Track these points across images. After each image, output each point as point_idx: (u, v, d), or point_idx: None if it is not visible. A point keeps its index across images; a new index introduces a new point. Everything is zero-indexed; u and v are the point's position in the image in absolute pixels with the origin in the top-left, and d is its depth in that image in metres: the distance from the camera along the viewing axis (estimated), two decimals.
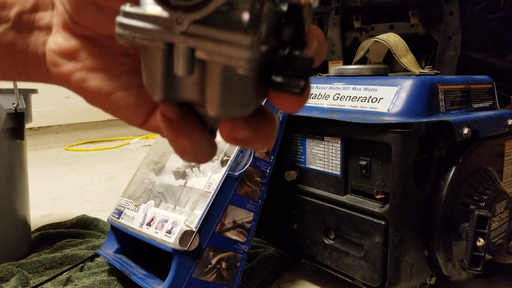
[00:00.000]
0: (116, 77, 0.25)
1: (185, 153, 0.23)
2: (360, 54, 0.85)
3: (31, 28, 0.26)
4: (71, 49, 0.24)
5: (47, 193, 1.53)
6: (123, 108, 0.25)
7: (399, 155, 0.61)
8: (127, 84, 0.25)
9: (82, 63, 0.25)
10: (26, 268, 0.86)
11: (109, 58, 0.25)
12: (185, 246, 0.65)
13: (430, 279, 0.69)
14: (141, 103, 0.25)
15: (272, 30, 0.21)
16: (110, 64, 0.25)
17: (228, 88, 0.21)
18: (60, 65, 0.25)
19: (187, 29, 0.19)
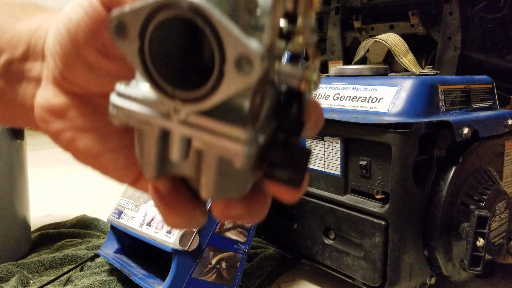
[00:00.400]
0: (106, 138, 0.24)
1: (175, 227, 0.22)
2: (360, 54, 0.85)
3: (20, 78, 0.25)
4: (60, 106, 0.23)
5: (47, 193, 1.53)
6: (112, 169, 0.24)
7: (399, 155, 0.61)
8: (117, 145, 0.24)
9: (71, 123, 0.23)
10: (26, 268, 0.86)
11: (99, 117, 0.24)
12: (185, 246, 0.65)
13: (430, 279, 0.69)
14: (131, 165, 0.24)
15: (270, 112, 0.20)
16: (100, 123, 0.24)
17: (224, 176, 0.20)
18: (48, 122, 0.24)
19: (185, 119, 0.18)
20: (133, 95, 0.19)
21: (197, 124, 0.18)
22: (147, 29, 0.17)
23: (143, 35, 0.17)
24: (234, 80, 0.17)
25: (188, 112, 0.18)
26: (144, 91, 0.19)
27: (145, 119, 0.19)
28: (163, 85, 0.18)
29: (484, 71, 1.08)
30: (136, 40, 0.17)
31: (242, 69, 0.16)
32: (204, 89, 0.17)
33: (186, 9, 0.16)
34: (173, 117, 0.18)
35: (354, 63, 0.85)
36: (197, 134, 0.18)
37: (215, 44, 0.16)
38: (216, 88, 0.17)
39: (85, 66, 0.22)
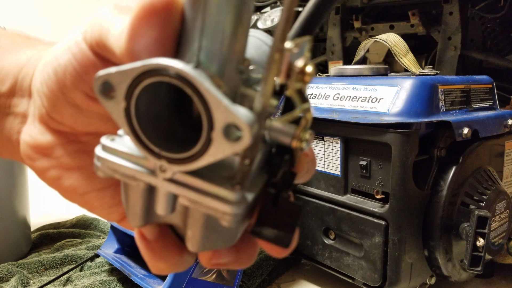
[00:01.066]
0: (92, 176, 0.23)
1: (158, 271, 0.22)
2: (360, 54, 0.85)
3: (6, 112, 0.25)
4: (46, 145, 0.23)
5: (47, 193, 1.53)
6: (98, 207, 0.24)
7: (399, 155, 0.61)
8: (103, 185, 0.24)
9: (57, 161, 0.23)
10: (26, 268, 0.86)
11: (85, 156, 0.23)
12: None
13: (430, 279, 0.69)
14: (117, 204, 0.24)
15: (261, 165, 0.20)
16: (86, 162, 0.23)
17: (210, 231, 0.20)
18: (33, 159, 0.23)
19: (171, 177, 0.18)
20: (119, 149, 0.19)
21: (184, 182, 0.18)
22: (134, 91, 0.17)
23: (130, 97, 0.17)
24: (222, 147, 0.16)
25: (175, 171, 0.18)
26: (130, 146, 0.19)
27: (130, 174, 0.19)
28: (149, 145, 0.18)
29: (484, 71, 1.08)
30: (122, 101, 0.17)
31: (231, 137, 0.16)
32: (191, 152, 0.17)
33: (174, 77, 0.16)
34: (159, 174, 0.18)
35: (354, 63, 0.85)
36: (184, 192, 0.18)
37: (203, 111, 0.16)
38: (203, 152, 0.17)
39: (72, 107, 0.22)
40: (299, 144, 0.19)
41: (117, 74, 0.17)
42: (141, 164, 0.19)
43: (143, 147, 0.18)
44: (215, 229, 0.20)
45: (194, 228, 0.20)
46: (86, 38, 0.21)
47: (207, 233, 0.20)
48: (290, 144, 0.19)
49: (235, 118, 0.16)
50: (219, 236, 0.20)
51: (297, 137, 0.19)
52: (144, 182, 0.19)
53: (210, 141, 0.16)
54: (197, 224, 0.20)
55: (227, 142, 0.16)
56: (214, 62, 0.17)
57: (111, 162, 0.19)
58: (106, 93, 0.17)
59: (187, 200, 0.18)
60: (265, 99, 0.17)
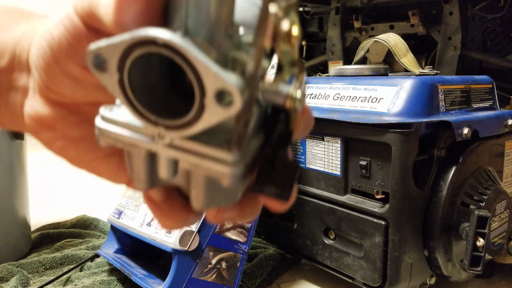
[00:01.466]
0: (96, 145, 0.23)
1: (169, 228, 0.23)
2: (360, 54, 0.85)
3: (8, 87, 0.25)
4: (48, 117, 0.23)
5: (47, 193, 1.53)
6: (105, 173, 0.25)
7: (399, 155, 0.61)
8: (108, 152, 0.24)
9: (60, 133, 0.24)
10: (26, 268, 0.86)
11: (87, 126, 0.24)
12: (185, 246, 0.65)
13: (430, 279, 0.69)
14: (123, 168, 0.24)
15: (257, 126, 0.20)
16: (89, 131, 0.24)
17: (213, 190, 0.20)
18: (38, 131, 0.24)
19: (170, 143, 0.19)
20: (118, 119, 0.19)
21: (183, 147, 0.18)
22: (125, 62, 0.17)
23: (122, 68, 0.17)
24: (215, 112, 0.17)
25: (172, 137, 0.18)
26: (128, 115, 0.19)
27: (131, 143, 0.19)
28: (145, 113, 0.18)
29: (484, 71, 1.08)
30: (115, 73, 0.17)
31: (223, 102, 0.17)
32: (186, 118, 0.17)
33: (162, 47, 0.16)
34: (158, 141, 0.19)
35: (354, 63, 0.85)
36: (183, 156, 0.19)
37: (194, 79, 0.16)
38: (197, 118, 0.17)
39: (69, 79, 0.22)
40: (293, 104, 0.19)
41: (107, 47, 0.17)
42: (140, 132, 0.19)
43: (140, 116, 0.18)
44: (217, 189, 0.20)
45: (197, 189, 0.20)
46: (77, 10, 0.21)
47: (210, 192, 0.20)
48: (283, 104, 0.20)
49: (225, 84, 0.16)
50: (221, 195, 0.21)
51: (290, 97, 0.19)
52: (145, 149, 0.19)
53: (203, 108, 0.17)
54: (199, 185, 0.20)
55: (220, 107, 0.17)
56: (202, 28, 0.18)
57: (111, 132, 0.20)
58: (99, 66, 0.18)
59: (187, 164, 0.19)
60: (256, 62, 0.18)
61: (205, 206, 0.21)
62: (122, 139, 0.19)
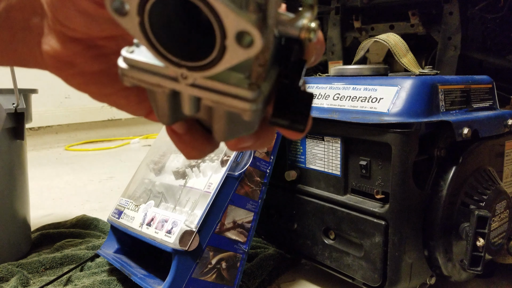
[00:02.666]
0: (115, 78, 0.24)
1: (192, 158, 0.25)
2: (360, 54, 0.85)
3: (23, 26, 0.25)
4: (65, 53, 0.24)
5: (47, 193, 1.53)
6: (125, 105, 0.25)
7: (399, 155, 0.61)
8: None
9: (80, 68, 0.24)
10: (26, 268, 0.86)
11: (105, 59, 0.24)
12: (185, 246, 0.65)
13: (430, 279, 0.69)
14: (143, 100, 0.25)
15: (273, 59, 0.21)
16: (107, 65, 0.24)
17: (234, 123, 0.21)
18: (58, 68, 0.24)
19: (193, 82, 0.19)
20: (141, 60, 0.20)
21: (205, 86, 0.19)
22: (146, 5, 0.17)
23: (142, 11, 0.18)
24: (236, 53, 0.17)
25: (195, 77, 0.19)
26: (150, 56, 0.20)
27: (155, 83, 0.20)
28: (168, 55, 0.18)
29: (484, 71, 1.08)
30: (135, 16, 0.18)
31: (243, 43, 0.17)
32: (208, 59, 0.18)
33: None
34: (181, 81, 0.19)
35: (354, 63, 0.85)
36: (206, 95, 0.19)
37: (214, 21, 0.17)
38: (219, 59, 0.18)
39: (83, 15, 0.22)
40: (308, 35, 0.20)
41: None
42: (163, 73, 0.20)
43: (163, 58, 0.18)
44: (237, 121, 0.21)
45: (219, 123, 0.22)
46: None
47: (231, 125, 0.22)
48: (299, 36, 0.20)
49: (246, 25, 0.17)
50: (241, 126, 0.22)
51: (305, 28, 0.20)
52: (169, 88, 0.20)
53: (224, 49, 0.17)
54: (221, 119, 0.21)
55: (241, 48, 0.17)
56: None
57: (135, 73, 0.20)
58: (119, 10, 0.18)
59: (210, 101, 0.20)
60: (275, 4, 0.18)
61: (227, 138, 0.23)
62: (146, 79, 0.20)
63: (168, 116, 0.22)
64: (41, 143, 2.60)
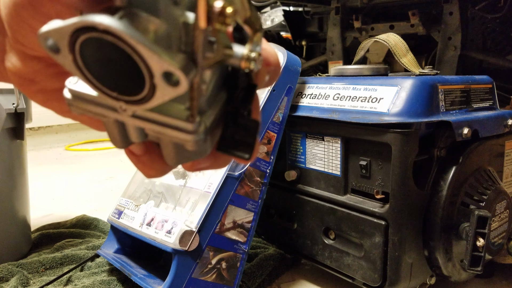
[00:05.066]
0: None
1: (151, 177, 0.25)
2: (360, 54, 0.85)
3: None
4: (26, 71, 0.24)
5: (47, 193, 1.53)
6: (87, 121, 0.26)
7: (399, 155, 0.61)
8: None
9: (40, 85, 0.25)
10: (26, 268, 0.86)
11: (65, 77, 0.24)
12: (185, 246, 0.65)
13: (430, 279, 0.69)
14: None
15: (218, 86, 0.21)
16: None
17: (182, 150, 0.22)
18: (20, 84, 0.25)
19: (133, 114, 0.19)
20: (83, 92, 0.20)
21: (146, 117, 0.19)
22: (75, 45, 0.18)
23: (73, 50, 0.18)
24: (166, 91, 0.18)
25: (134, 110, 0.19)
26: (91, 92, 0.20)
27: (99, 112, 0.20)
28: (104, 90, 0.19)
29: (484, 71, 1.08)
30: (68, 54, 0.18)
31: (171, 82, 0.17)
32: (142, 95, 0.18)
33: (103, 33, 0.17)
34: (123, 113, 0.19)
35: (354, 63, 0.85)
36: (147, 125, 0.20)
37: (140, 61, 0.17)
38: (151, 95, 0.18)
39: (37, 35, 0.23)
40: (247, 65, 0.20)
41: (55, 31, 0.18)
42: (105, 103, 0.20)
43: (100, 92, 0.19)
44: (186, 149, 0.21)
45: (167, 149, 0.22)
46: None
47: (179, 152, 0.22)
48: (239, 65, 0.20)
49: (169, 66, 0.17)
50: (191, 152, 0.22)
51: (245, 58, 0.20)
52: (112, 118, 0.20)
53: (154, 87, 0.18)
54: (168, 147, 0.22)
55: (169, 86, 0.17)
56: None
57: (80, 103, 0.20)
58: (52, 48, 0.18)
59: (152, 132, 0.20)
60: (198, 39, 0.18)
61: (178, 163, 0.23)
62: (90, 109, 0.20)
63: (120, 141, 0.22)
64: (41, 143, 2.60)
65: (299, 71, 0.79)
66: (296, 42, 1.46)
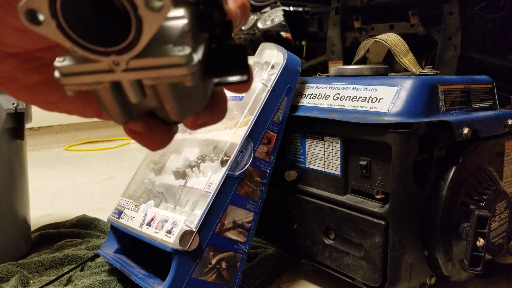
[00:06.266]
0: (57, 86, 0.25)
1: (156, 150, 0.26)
2: (360, 54, 0.85)
3: None
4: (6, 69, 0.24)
5: (47, 193, 1.53)
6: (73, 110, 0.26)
7: (399, 155, 0.61)
8: None
9: (22, 81, 0.25)
10: (26, 268, 0.86)
11: (45, 69, 0.25)
12: (185, 246, 0.65)
13: (430, 279, 0.69)
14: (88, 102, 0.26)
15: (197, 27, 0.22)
16: (47, 75, 0.25)
17: (182, 98, 0.22)
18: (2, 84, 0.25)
19: (127, 66, 0.20)
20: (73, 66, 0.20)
21: (139, 66, 0.20)
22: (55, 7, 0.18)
23: (55, 13, 0.18)
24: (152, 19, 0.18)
25: (127, 60, 0.19)
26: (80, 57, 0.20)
27: (93, 81, 0.20)
28: (94, 48, 0.19)
29: (484, 71, 1.08)
30: (51, 20, 0.18)
31: (154, 6, 0.18)
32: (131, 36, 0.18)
33: None
34: (116, 69, 0.20)
35: (354, 63, 0.85)
36: (143, 74, 0.20)
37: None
38: (140, 32, 0.18)
39: (15, 31, 0.23)
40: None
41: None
42: (97, 69, 0.20)
43: (89, 52, 0.19)
44: (186, 94, 0.22)
45: (169, 102, 0.22)
46: None
47: (181, 100, 0.22)
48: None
49: None
50: (192, 99, 0.23)
51: None
52: (108, 82, 0.20)
53: (140, 20, 0.18)
54: (169, 97, 0.22)
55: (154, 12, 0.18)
56: None
57: (72, 79, 0.20)
58: (34, 20, 0.18)
59: (150, 80, 0.20)
60: None
61: (183, 115, 0.23)
62: (84, 81, 0.20)
63: (120, 113, 0.22)
64: (41, 143, 2.60)
65: (299, 71, 0.79)
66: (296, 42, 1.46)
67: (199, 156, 0.77)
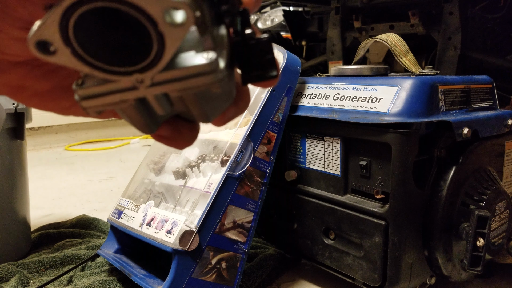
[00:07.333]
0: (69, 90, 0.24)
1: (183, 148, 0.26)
2: (360, 54, 0.85)
3: None
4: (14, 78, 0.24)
5: (47, 193, 1.53)
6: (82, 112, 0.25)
7: (399, 155, 0.61)
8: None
9: (32, 89, 0.25)
10: (26, 268, 0.86)
11: (53, 75, 0.25)
12: (185, 246, 0.65)
13: (430, 279, 0.69)
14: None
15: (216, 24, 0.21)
16: (57, 80, 0.25)
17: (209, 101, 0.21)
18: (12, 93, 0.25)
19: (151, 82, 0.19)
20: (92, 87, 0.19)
21: (164, 80, 0.19)
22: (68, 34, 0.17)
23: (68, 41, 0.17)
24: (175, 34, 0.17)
25: (151, 76, 0.19)
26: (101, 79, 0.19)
27: (117, 100, 0.20)
28: (114, 69, 0.18)
29: (484, 71, 1.08)
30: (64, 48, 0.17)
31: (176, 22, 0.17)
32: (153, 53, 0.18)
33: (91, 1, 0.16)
34: (140, 86, 0.19)
35: (354, 63, 0.85)
36: (169, 88, 0.19)
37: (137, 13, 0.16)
38: (163, 48, 0.17)
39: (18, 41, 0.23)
40: None
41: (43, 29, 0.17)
42: (119, 88, 0.19)
43: (111, 74, 0.18)
44: (213, 98, 0.21)
45: (196, 108, 0.21)
46: None
47: (209, 104, 0.22)
48: None
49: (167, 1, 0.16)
50: (219, 100, 0.22)
51: None
52: (132, 99, 0.20)
53: (162, 36, 0.17)
54: (196, 103, 0.21)
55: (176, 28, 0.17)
56: None
57: (94, 101, 0.20)
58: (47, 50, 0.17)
59: (176, 92, 0.19)
60: None
61: (212, 117, 0.23)
62: (107, 101, 0.20)
63: (148, 124, 0.22)
64: (41, 143, 2.60)
65: (299, 71, 0.79)
66: (296, 42, 1.46)
67: (199, 156, 0.77)
